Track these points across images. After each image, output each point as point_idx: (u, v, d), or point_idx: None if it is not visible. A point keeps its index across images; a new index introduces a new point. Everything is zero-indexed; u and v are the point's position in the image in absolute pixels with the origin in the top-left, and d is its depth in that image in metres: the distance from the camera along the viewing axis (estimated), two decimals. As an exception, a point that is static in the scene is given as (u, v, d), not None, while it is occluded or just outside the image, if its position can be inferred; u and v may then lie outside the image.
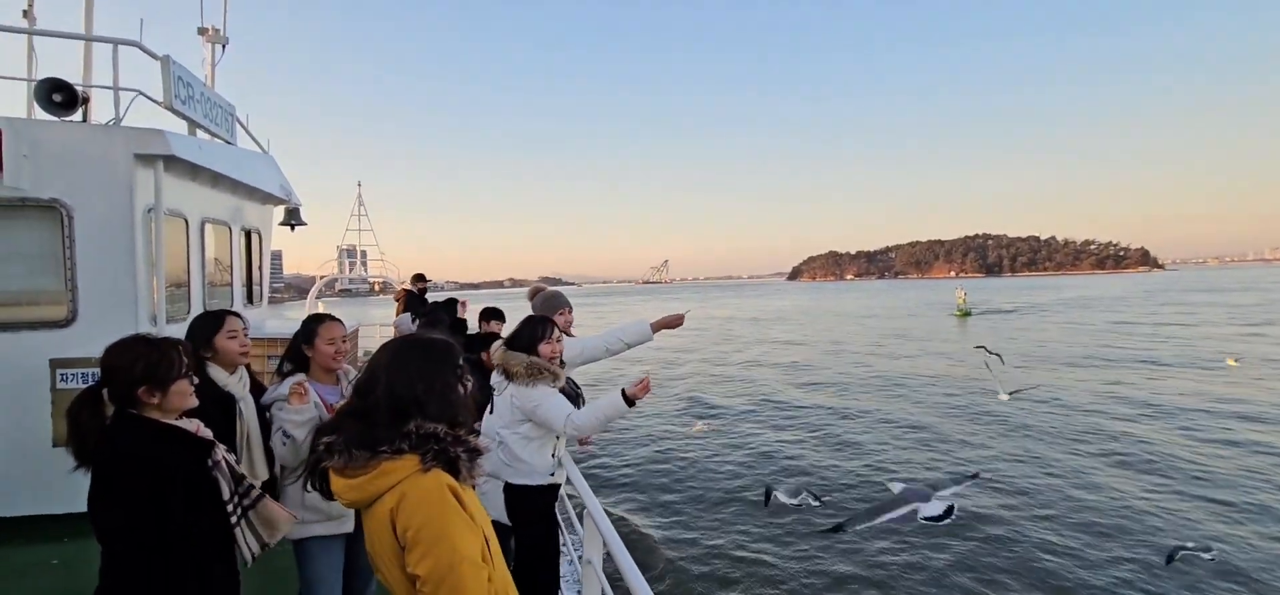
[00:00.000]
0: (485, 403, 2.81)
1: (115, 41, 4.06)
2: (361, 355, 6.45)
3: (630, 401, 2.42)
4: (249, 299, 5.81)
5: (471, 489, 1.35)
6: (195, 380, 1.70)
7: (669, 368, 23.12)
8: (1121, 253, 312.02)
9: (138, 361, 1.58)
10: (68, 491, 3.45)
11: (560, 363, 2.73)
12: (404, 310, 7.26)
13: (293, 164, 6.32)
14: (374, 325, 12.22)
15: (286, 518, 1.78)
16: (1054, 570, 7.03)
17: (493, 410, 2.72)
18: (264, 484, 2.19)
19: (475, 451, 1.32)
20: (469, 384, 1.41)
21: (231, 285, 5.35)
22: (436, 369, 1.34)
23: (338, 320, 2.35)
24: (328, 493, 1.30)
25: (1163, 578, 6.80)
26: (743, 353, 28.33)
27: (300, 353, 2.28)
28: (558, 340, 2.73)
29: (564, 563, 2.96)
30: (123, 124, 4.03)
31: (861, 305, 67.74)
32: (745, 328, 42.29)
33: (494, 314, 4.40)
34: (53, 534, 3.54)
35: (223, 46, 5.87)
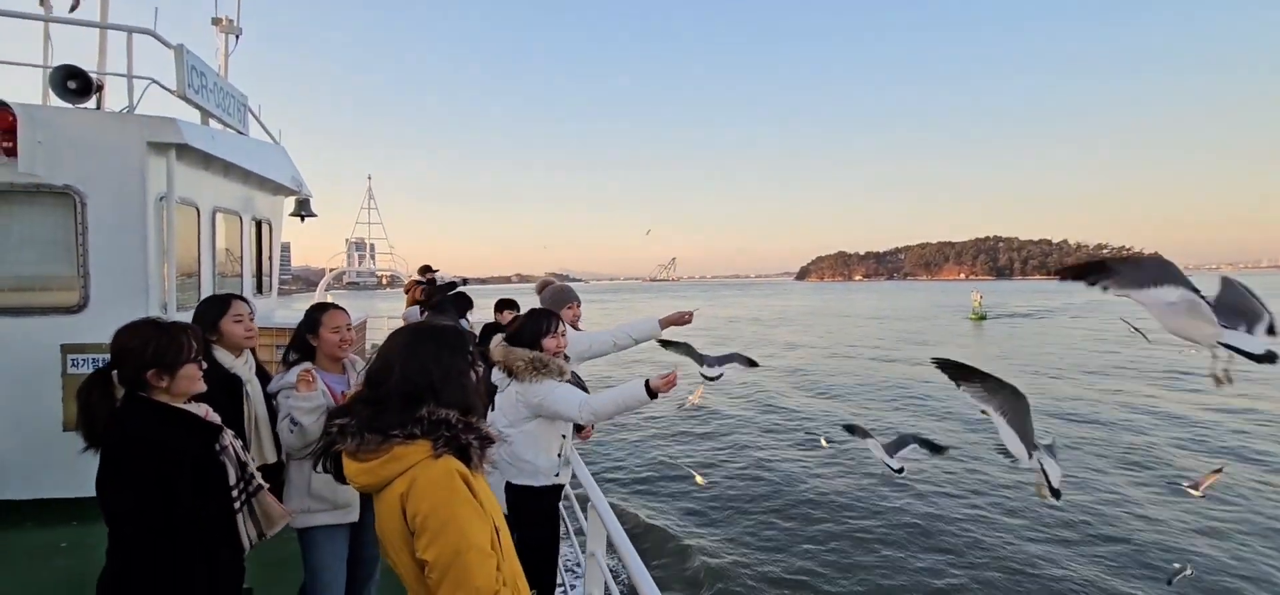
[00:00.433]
0: (491, 393, 2.78)
1: (130, 30, 4.08)
2: (369, 348, 6.47)
3: (653, 394, 2.33)
4: (259, 289, 5.85)
5: (483, 477, 1.35)
6: (204, 365, 1.71)
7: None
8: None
9: (147, 345, 1.58)
10: (77, 475, 3.49)
11: (564, 358, 2.69)
12: (414, 303, 7.27)
13: (303, 156, 6.35)
14: (382, 318, 12.26)
15: (283, 513, 1.81)
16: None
17: (494, 407, 2.67)
18: (271, 467, 2.20)
19: (487, 439, 1.31)
20: (480, 371, 1.41)
21: (241, 274, 5.38)
22: (450, 356, 1.34)
23: (342, 309, 2.35)
24: (340, 475, 1.29)
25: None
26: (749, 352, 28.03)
27: (305, 342, 2.27)
28: (562, 334, 2.67)
29: (565, 546, 2.93)
30: (136, 112, 4.06)
31: (872, 306, 65.75)
32: (747, 330, 40.95)
33: (508, 304, 4.38)
34: (62, 517, 3.58)
35: (236, 37, 5.90)
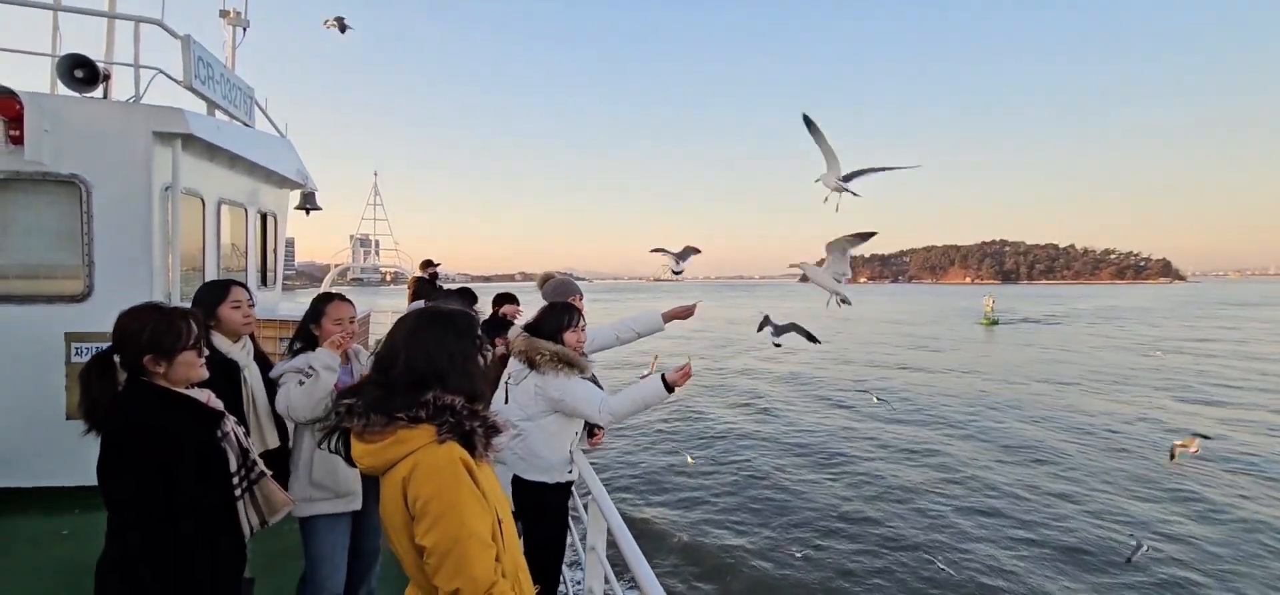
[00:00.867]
0: (496, 383, 2.76)
1: (137, 19, 4.09)
2: (372, 343, 6.46)
3: (670, 388, 2.35)
4: (263, 281, 5.85)
5: (489, 466, 1.33)
6: (205, 353, 1.69)
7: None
8: (1142, 263, 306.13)
9: (145, 329, 1.57)
10: (80, 463, 3.49)
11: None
12: (415, 298, 7.26)
13: (308, 151, 6.35)
14: (385, 312, 12.29)
15: (285, 500, 1.79)
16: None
17: (506, 399, 2.62)
18: (273, 453, 2.19)
19: (493, 428, 1.30)
20: (489, 357, 1.41)
21: (246, 267, 5.39)
22: (458, 342, 1.33)
23: (347, 300, 2.34)
24: (348, 457, 1.28)
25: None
26: (745, 357, 26.72)
27: (309, 332, 2.27)
28: (582, 329, 2.64)
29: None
30: (142, 102, 4.06)
31: (880, 310, 65.03)
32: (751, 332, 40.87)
33: (508, 298, 4.36)
34: (64, 505, 3.58)
35: (243, 29, 5.91)
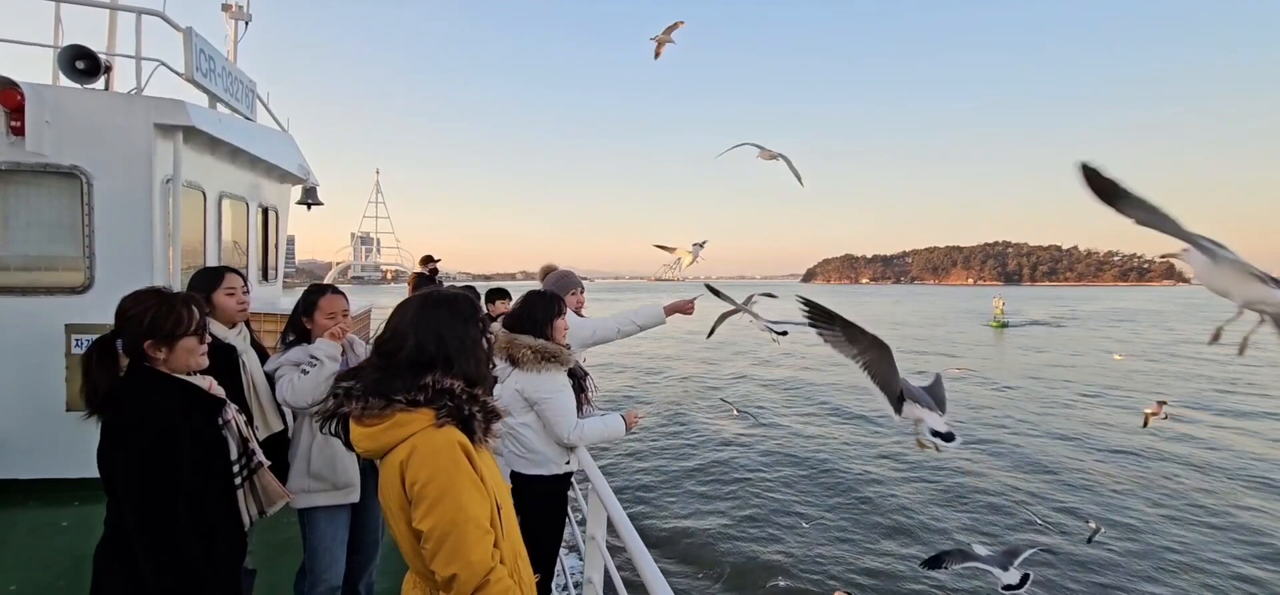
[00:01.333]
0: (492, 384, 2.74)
1: (139, 11, 4.09)
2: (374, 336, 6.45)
3: (627, 428, 2.66)
4: (264, 276, 5.85)
5: (489, 452, 1.32)
6: (207, 340, 1.68)
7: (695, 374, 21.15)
8: (1145, 266, 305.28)
9: (146, 314, 1.55)
10: (80, 455, 3.48)
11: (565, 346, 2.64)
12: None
13: (309, 148, 6.35)
14: (387, 309, 12.31)
15: (281, 492, 1.79)
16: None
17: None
18: (275, 437, 2.17)
19: (492, 413, 1.29)
20: (492, 341, 1.40)
21: (247, 261, 5.38)
22: (465, 325, 1.32)
23: (340, 292, 2.33)
24: (347, 441, 1.27)
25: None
26: (742, 361, 25.36)
27: (301, 324, 2.25)
28: (563, 315, 2.63)
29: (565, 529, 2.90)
30: (144, 94, 4.06)
31: (887, 312, 63.49)
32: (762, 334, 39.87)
33: (500, 294, 4.34)
34: (64, 497, 3.58)
35: (246, 24, 5.90)
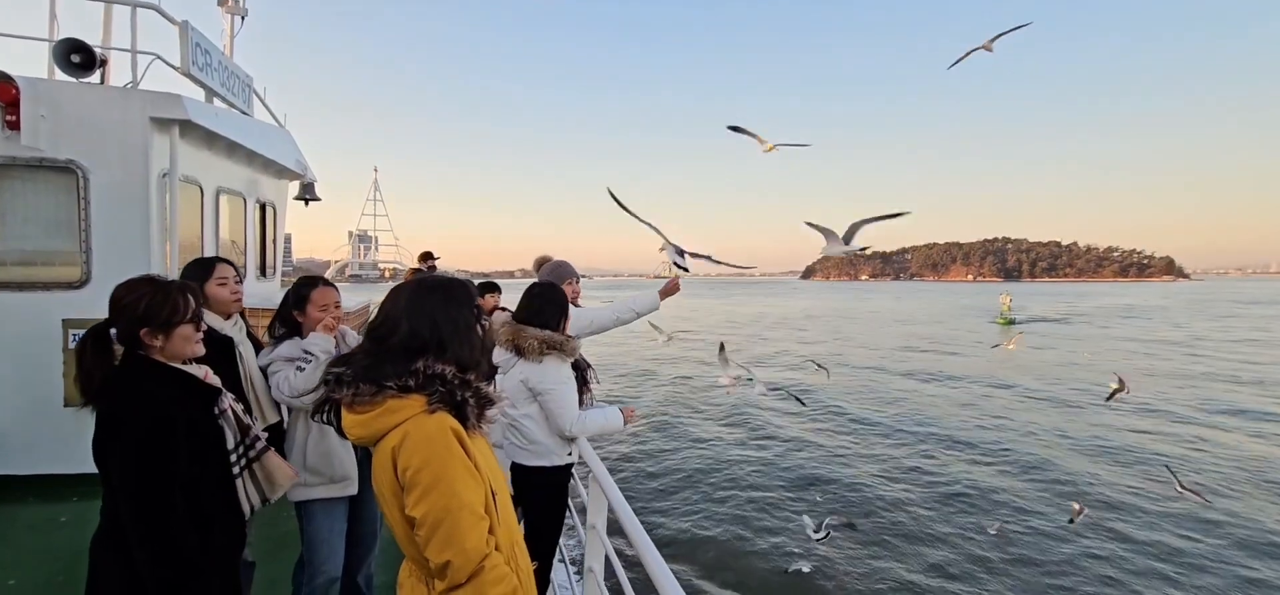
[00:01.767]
0: (494, 373, 2.73)
1: (134, 4, 4.06)
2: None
3: (625, 422, 2.71)
4: (262, 272, 5.83)
5: (484, 438, 1.31)
6: (203, 329, 1.66)
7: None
8: (1146, 261, 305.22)
9: (141, 301, 1.53)
10: (78, 450, 3.48)
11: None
12: None
13: (307, 145, 6.32)
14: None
15: (288, 474, 1.74)
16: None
17: (497, 388, 2.62)
18: (271, 429, 2.16)
19: (485, 399, 1.27)
20: (486, 325, 1.39)
21: (245, 257, 5.36)
22: (460, 310, 1.31)
23: (331, 285, 2.30)
24: (339, 427, 1.26)
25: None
26: (770, 354, 25.34)
27: (290, 317, 2.23)
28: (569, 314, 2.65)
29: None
30: (140, 87, 4.03)
31: (890, 309, 61.47)
32: (771, 332, 36.71)
33: (491, 288, 4.34)
34: (62, 492, 3.57)
35: (242, 18, 5.87)
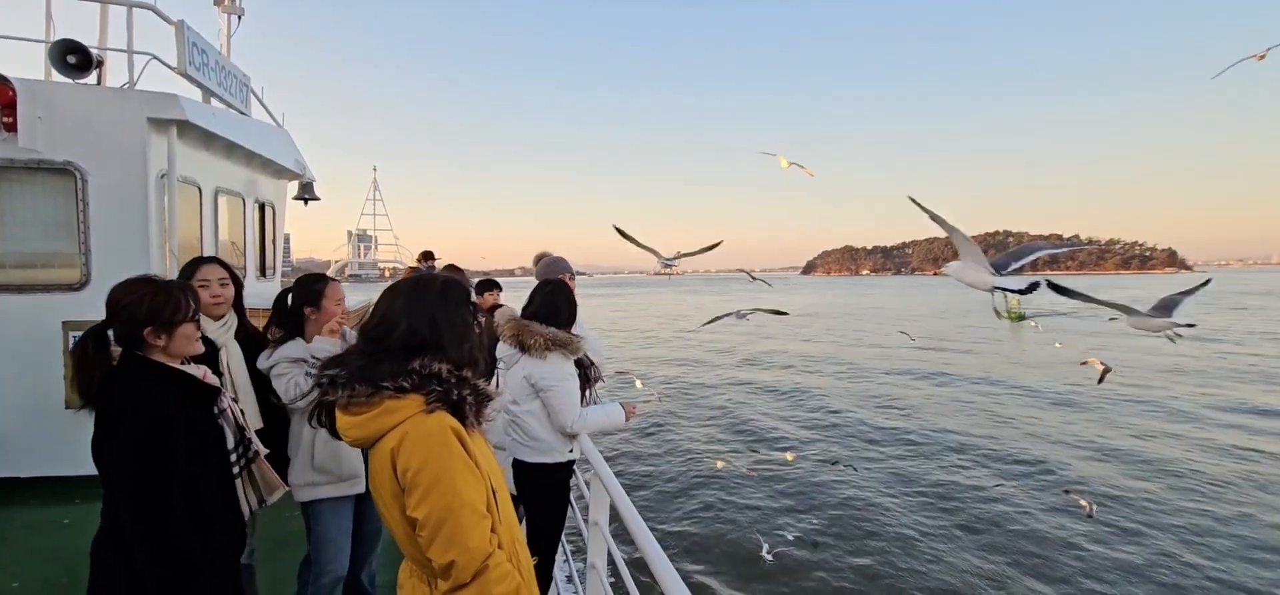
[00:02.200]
0: (492, 370, 2.73)
1: (130, 4, 4.04)
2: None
3: (626, 418, 2.68)
4: (262, 272, 5.82)
5: (482, 436, 1.30)
6: (200, 326, 1.67)
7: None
8: (1148, 253, 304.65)
9: (143, 301, 1.53)
10: (79, 452, 3.45)
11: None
12: None
13: (305, 145, 6.31)
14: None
15: (278, 482, 1.79)
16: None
17: (497, 385, 2.64)
18: (261, 433, 2.16)
19: (483, 396, 1.26)
20: (482, 325, 1.37)
21: (244, 257, 5.35)
22: (457, 308, 1.30)
23: (338, 280, 2.34)
24: (334, 429, 1.25)
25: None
26: (767, 356, 24.18)
27: (297, 314, 2.22)
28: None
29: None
30: (137, 88, 4.02)
31: (893, 304, 59.65)
32: (775, 327, 34.02)
33: (492, 285, 4.33)
34: (64, 494, 3.57)
35: (238, 17, 5.85)
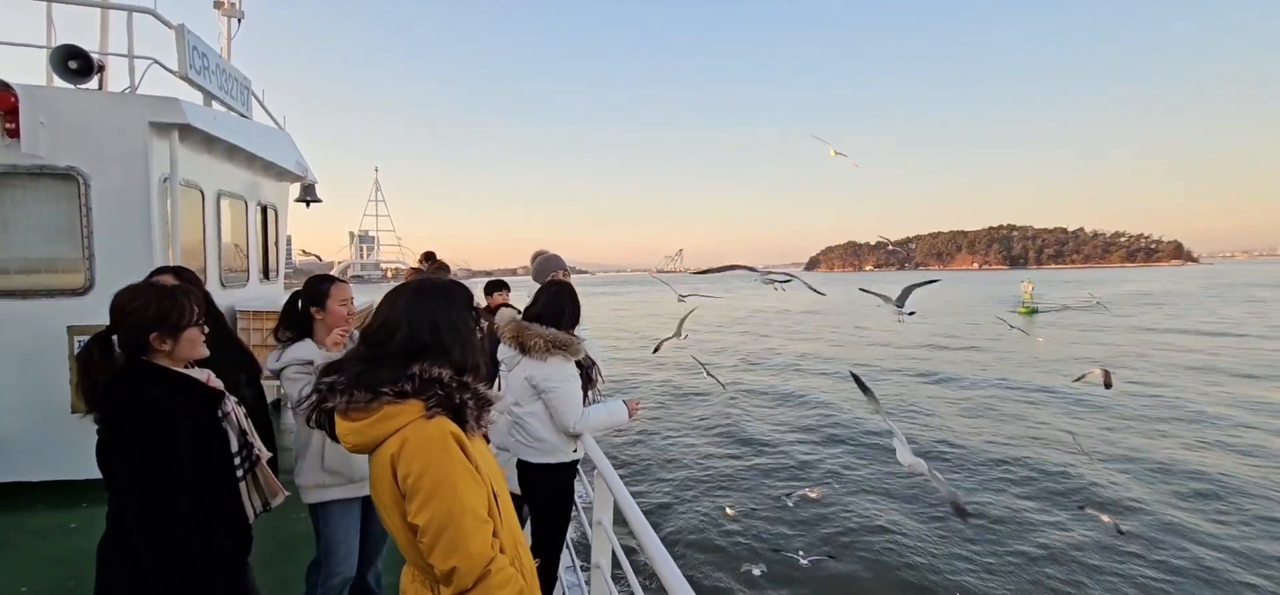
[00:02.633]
0: (494, 373, 2.73)
1: (130, 9, 4.05)
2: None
3: (630, 415, 2.67)
4: (265, 275, 5.84)
5: (482, 440, 1.29)
6: (206, 329, 1.67)
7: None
8: (1153, 246, 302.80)
9: (149, 306, 1.54)
10: (86, 457, 3.47)
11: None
12: None
13: (306, 148, 6.32)
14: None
15: (278, 488, 1.79)
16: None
17: (499, 387, 2.63)
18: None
19: (484, 400, 1.25)
20: (484, 329, 1.38)
21: (247, 260, 5.37)
22: (459, 313, 1.29)
23: (346, 282, 2.33)
24: (333, 434, 1.24)
25: None
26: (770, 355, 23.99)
27: (305, 316, 2.23)
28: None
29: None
30: (138, 92, 4.03)
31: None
32: (787, 321, 34.53)
33: (499, 286, 4.32)
34: (71, 499, 3.59)
35: (238, 21, 5.86)
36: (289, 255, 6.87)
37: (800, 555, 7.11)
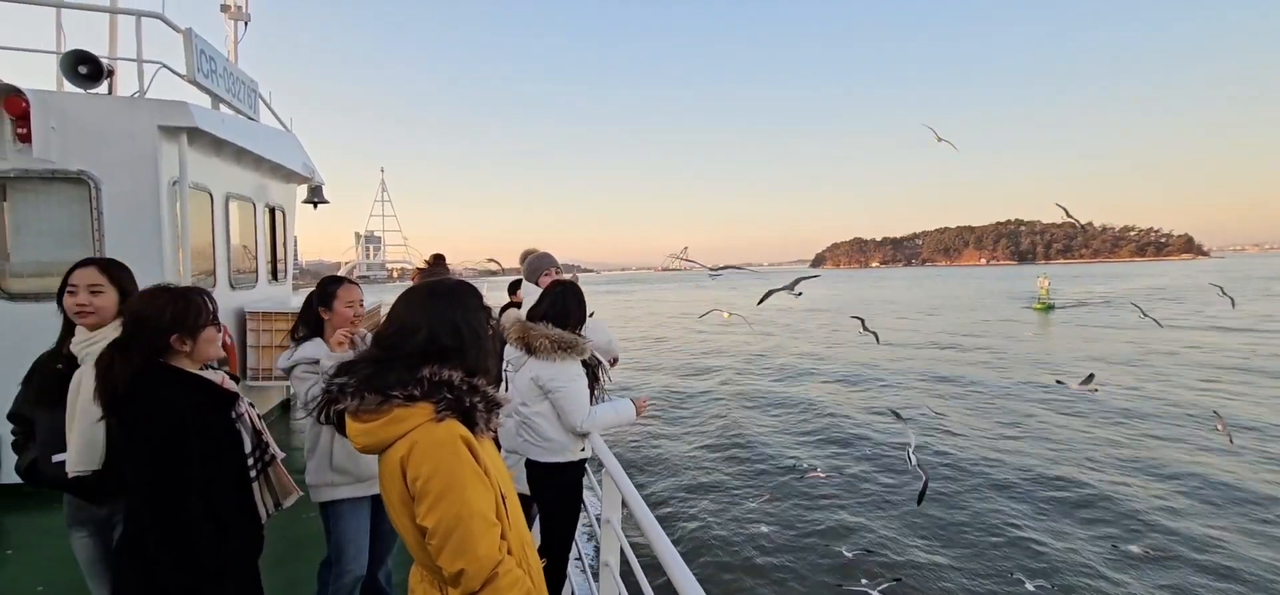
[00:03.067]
0: (500, 377, 2.73)
1: (138, 14, 4.08)
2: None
3: (638, 413, 2.65)
4: (274, 276, 5.88)
5: (491, 442, 1.29)
6: (221, 328, 1.71)
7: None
8: (1164, 240, 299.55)
9: (166, 309, 1.57)
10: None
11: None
12: None
13: (313, 149, 6.35)
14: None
15: (292, 487, 1.81)
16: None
17: (506, 388, 2.63)
18: (96, 474, 2.17)
19: (494, 402, 1.25)
20: (497, 330, 1.37)
21: (256, 261, 5.40)
22: (476, 315, 1.29)
23: (355, 284, 2.35)
24: (343, 431, 1.24)
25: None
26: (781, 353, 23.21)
27: (316, 317, 2.26)
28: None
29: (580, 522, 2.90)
30: (147, 96, 4.06)
31: (907, 297, 57.40)
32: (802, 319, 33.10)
33: (520, 285, 4.32)
34: None
35: (245, 24, 5.90)
36: (296, 255, 6.91)
37: (812, 555, 7.09)
